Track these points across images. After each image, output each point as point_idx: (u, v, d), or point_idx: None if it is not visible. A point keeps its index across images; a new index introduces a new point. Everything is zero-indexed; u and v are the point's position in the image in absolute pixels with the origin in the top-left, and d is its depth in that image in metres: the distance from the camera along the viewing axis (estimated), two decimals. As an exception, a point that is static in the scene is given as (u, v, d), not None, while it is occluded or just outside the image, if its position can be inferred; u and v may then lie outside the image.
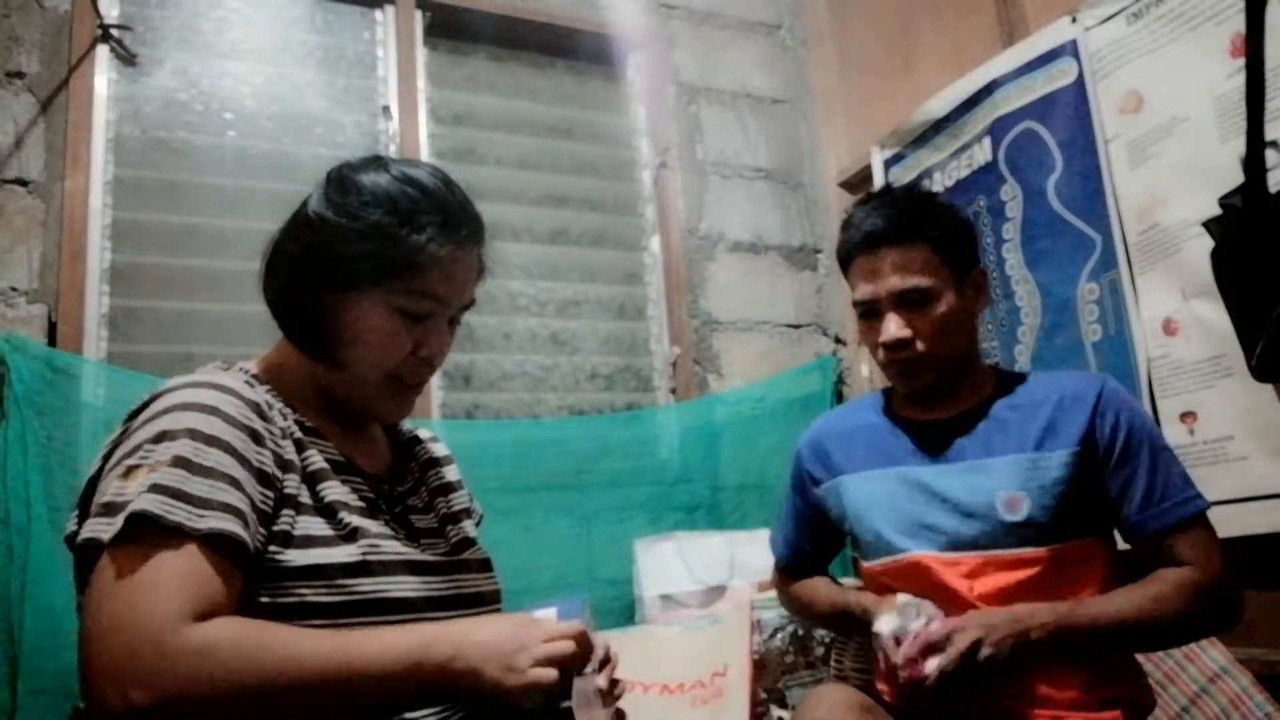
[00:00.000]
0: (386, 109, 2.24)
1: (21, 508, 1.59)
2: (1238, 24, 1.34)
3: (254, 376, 0.91)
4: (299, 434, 0.87)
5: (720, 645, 1.60)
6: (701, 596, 1.99)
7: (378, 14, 2.32)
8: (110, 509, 0.73)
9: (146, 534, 0.71)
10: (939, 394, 1.26)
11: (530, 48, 2.50)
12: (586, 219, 2.47)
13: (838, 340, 2.61)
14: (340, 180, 0.91)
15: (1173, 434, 1.63)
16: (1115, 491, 1.15)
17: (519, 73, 2.48)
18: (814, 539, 1.40)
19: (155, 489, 0.73)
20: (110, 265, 1.91)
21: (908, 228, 1.21)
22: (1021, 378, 1.27)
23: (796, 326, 2.60)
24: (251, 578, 0.77)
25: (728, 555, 2.06)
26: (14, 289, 1.78)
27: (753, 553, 2.08)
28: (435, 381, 2.10)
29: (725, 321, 2.50)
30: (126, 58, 2.01)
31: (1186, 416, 1.62)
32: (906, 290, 1.19)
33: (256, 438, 0.81)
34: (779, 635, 1.78)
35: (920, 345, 1.19)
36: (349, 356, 0.89)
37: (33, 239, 1.81)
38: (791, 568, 1.43)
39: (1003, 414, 1.22)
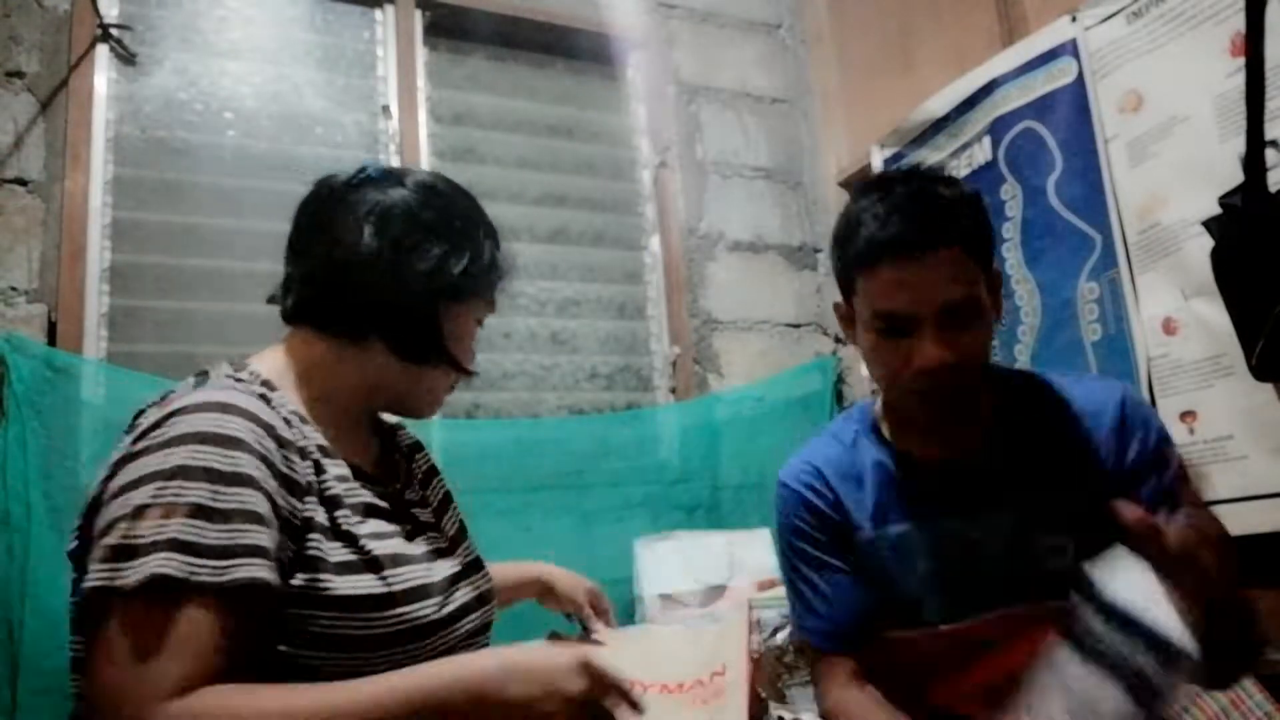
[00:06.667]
0: (386, 108, 2.24)
1: (21, 508, 1.59)
2: (1238, 23, 1.33)
3: (264, 383, 0.88)
4: (316, 454, 0.86)
5: (721, 645, 1.60)
6: (701, 596, 1.99)
7: (377, 13, 2.31)
8: (120, 553, 0.71)
9: (157, 592, 0.70)
10: (951, 419, 1.08)
11: (530, 47, 2.49)
12: (586, 218, 2.47)
13: (838, 340, 2.61)
14: (445, 196, 0.98)
15: (1172, 434, 1.63)
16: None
17: (519, 72, 2.48)
18: (847, 592, 1.12)
19: (173, 545, 0.71)
20: (110, 265, 1.91)
21: (946, 227, 0.98)
22: (1033, 385, 1.10)
23: (796, 326, 2.60)
24: (282, 608, 0.77)
25: (728, 555, 2.06)
26: (14, 289, 1.78)
27: (753, 552, 2.08)
28: (435, 381, 2.09)
29: (725, 321, 2.50)
30: (126, 57, 2.01)
31: (1186, 416, 1.61)
32: (956, 303, 0.98)
33: (272, 466, 0.79)
34: (779, 635, 1.78)
35: (961, 368, 0.99)
36: (451, 359, 0.98)
37: (33, 239, 1.81)
38: (833, 644, 1.14)
39: (1023, 442, 1.05)
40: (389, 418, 1.11)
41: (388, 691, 0.73)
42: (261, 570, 0.73)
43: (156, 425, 0.78)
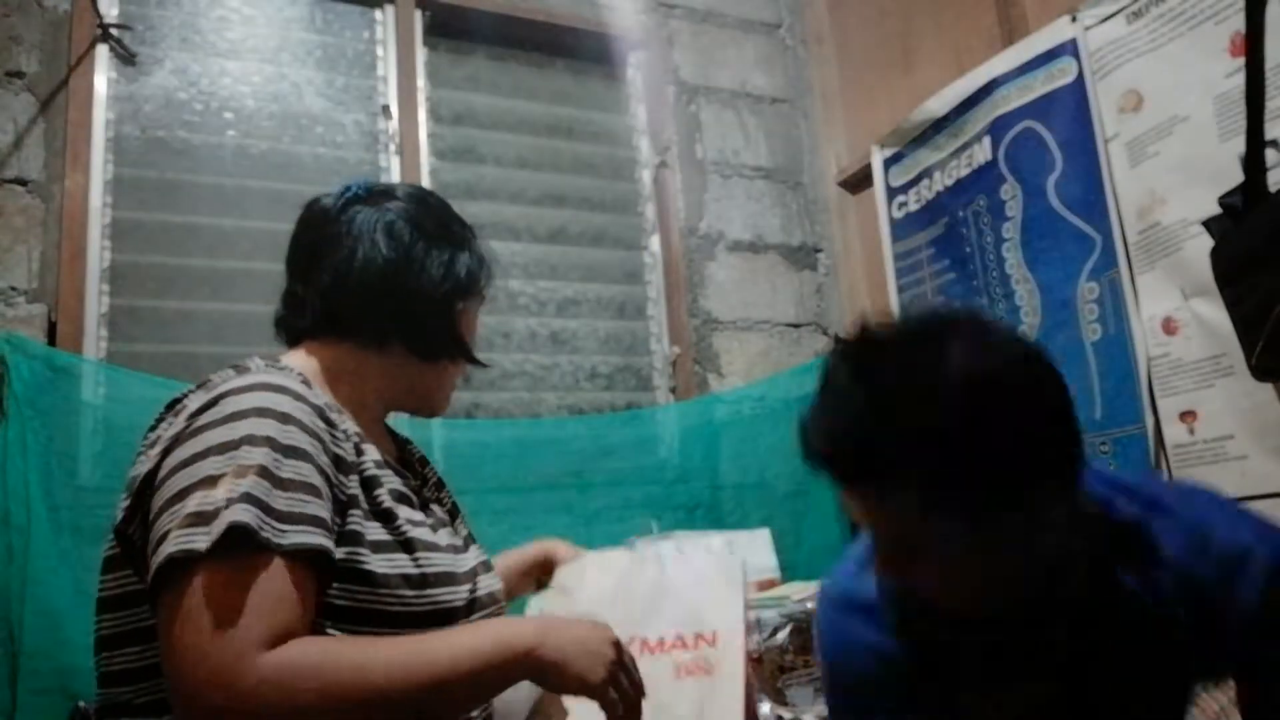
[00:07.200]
0: (386, 108, 2.24)
1: (21, 508, 1.59)
2: (1238, 23, 1.33)
3: (299, 375, 0.91)
4: (356, 438, 0.90)
5: (702, 599, 1.43)
6: (701, 596, 1.98)
7: (377, 13, 2.31)
8: (201, 518, 0.72)
9: (237, 550, 0.71)
10: None
11: (530, 47, 2.49)
12: (586, 218, 2.46)
13: (837, 340, 2.61)
14: (434, 206, 1.05)
15: (1173, 434, 1.63)
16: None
17: (519, 72, 2.48)
18: None
19: (247, 499, 0.73)
20: (110, 265, 1.91)
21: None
22: (1151, 557, 0.83)
23: (796, 326, 2.60)
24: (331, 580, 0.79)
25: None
26: (14, 289, 1.78)
27: (753, 552, 2.07)
28: (435, 381, 2.09)
29: (725, 321, 2.50)
30: (126, 57, 2.01)
31: (1186, 416, 1.62)
32: None
33: (323, 443, 0.82)
34: (779, 634, 1.78)
35: None
36: (467, 352, 1.04)
37: (33, 239, 1.81)
38: None
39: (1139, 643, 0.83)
40: (396, 431, 1.13)
41: (463, 645, 0.78)
42: (320, 538, 0.76)
43: (212, 404, 0.81)
